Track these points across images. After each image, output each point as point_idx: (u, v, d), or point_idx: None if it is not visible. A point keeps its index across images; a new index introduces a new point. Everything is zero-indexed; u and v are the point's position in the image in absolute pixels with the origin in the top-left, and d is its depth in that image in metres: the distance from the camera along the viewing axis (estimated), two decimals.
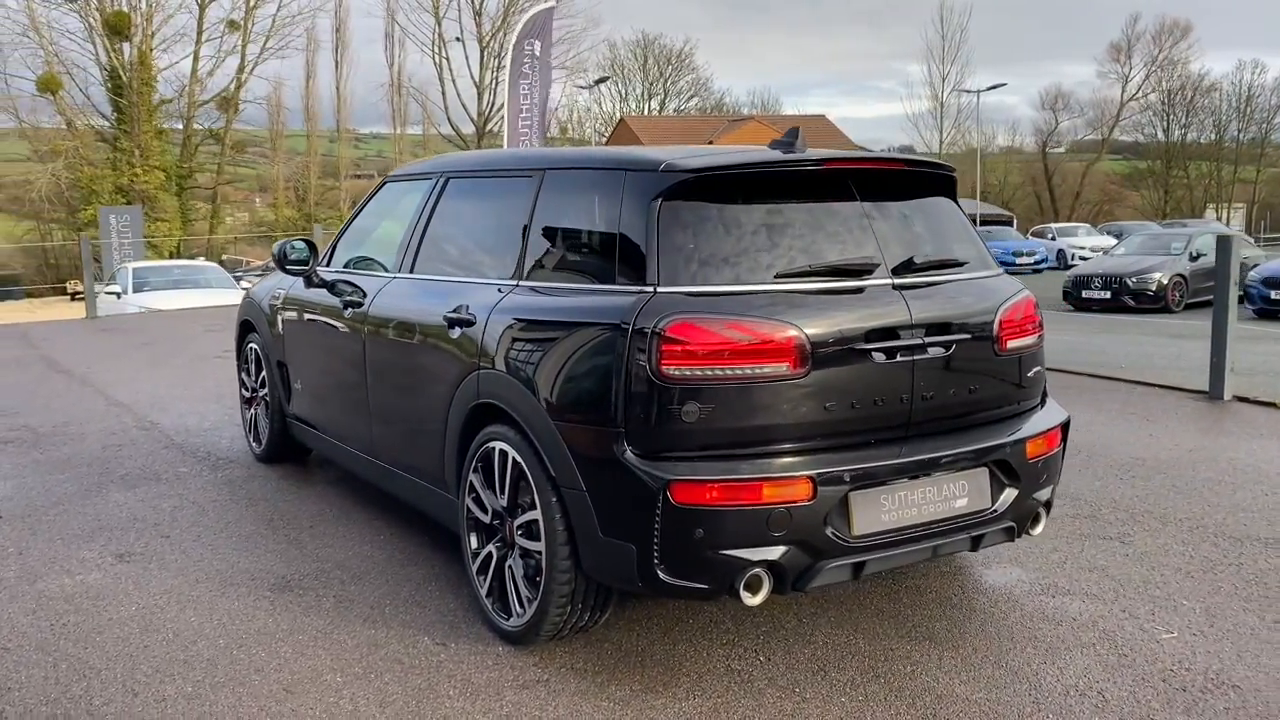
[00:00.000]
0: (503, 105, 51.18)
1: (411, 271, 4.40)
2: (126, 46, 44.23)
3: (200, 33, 46.85)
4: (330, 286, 4.93)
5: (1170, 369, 9.44)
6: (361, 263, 4.95)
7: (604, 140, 50.40)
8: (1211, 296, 7.97)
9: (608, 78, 42.24)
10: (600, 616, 3.53)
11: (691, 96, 61.87)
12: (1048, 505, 3.76)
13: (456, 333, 3.83)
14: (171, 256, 39.83)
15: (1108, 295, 18.46)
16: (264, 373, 5.80)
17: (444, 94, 51.45)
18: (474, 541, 3.79)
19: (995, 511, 3.51)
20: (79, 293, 31.65)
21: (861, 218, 3.47)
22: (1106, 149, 67.72)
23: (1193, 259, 18.59)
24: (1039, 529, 3.74)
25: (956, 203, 3.94)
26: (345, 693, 3.28)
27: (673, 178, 3.31)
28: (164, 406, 7.78)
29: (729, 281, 3.22)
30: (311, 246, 5.15)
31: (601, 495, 3.20)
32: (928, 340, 3.38)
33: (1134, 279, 18.25)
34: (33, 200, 44.64)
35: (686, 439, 3.11)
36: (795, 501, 3.10)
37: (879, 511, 3.27)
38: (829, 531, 3.17)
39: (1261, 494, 5.25)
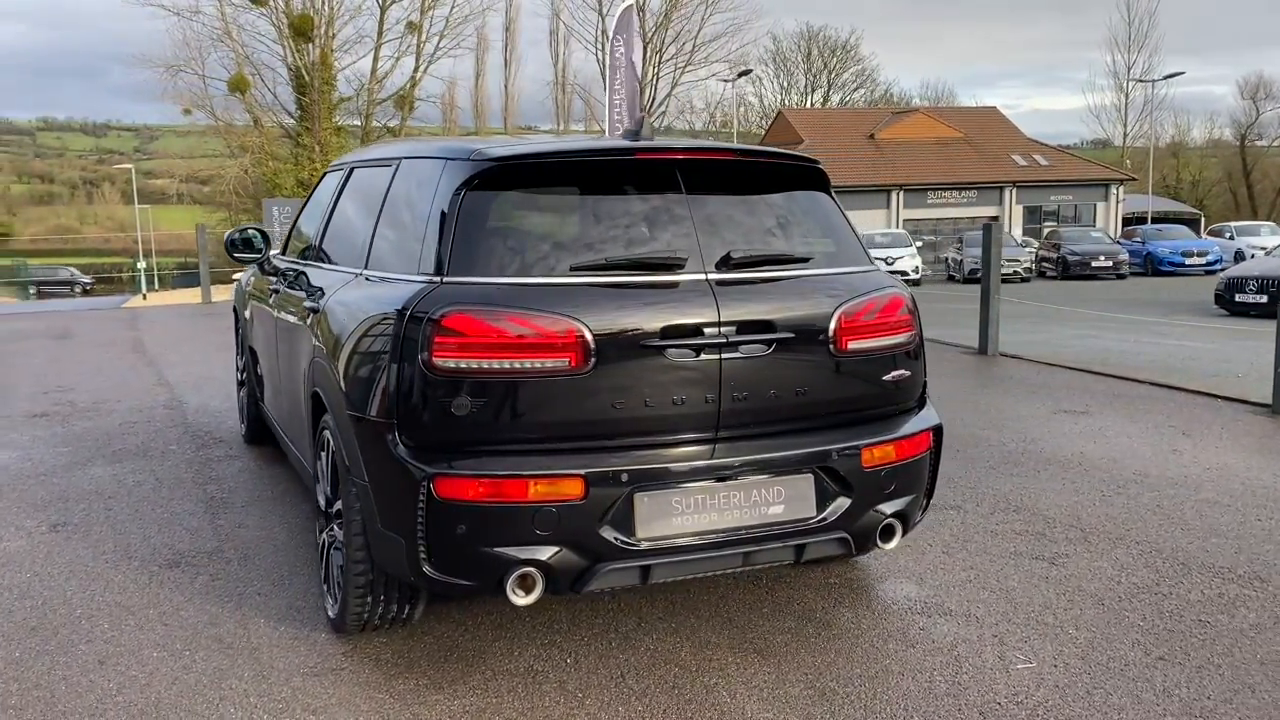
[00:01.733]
0: (664, 100, 51.16)
1: (317, 259, 4.46)
2: (310, 48, 46.54)
3: (380, 34, 48.83)
4: (274, 274, 5.07)
5: None
6: (307, 251, 5.06)
7: (763, 134, 49.96)
8: None
9: (749, 70, 41.70)
10: (412, 609, 3.48)
11: (856, 88, 60.56)
12: (903, 518, 3.49)
13: (309, 321, 3.87)
14: None
15: (1264, 299, 16.99)
16: (245, 357, 6.01)
17: (607, 90, 51.97)
18: (319, 528, 3.82)
19: (822, 521, 3.29)
20: None
21: (681, 211, 3.30)
22: None
23: None
24: (892, 544, 3.48)
25: (830, 195, 3.71)
26: (150, 668, 3.35)
27: (478, 166, 3.24)
28: (202, 387, 8.18)
29: (523, 273, 3.12)
30: (265, 235, 5.30)
31: (379, 487, 3.16)
32: (740, 339, 3.18)
33: None
34: (223, 192, 47.69)
35: (459, 433, 3.03)
36: (564, 500, 2.99)
37: (670, 515, 3.11)
38: (606, 534, 3.03)
39: (1253, 519, 4.74)
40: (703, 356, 3.14)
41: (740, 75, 39.67)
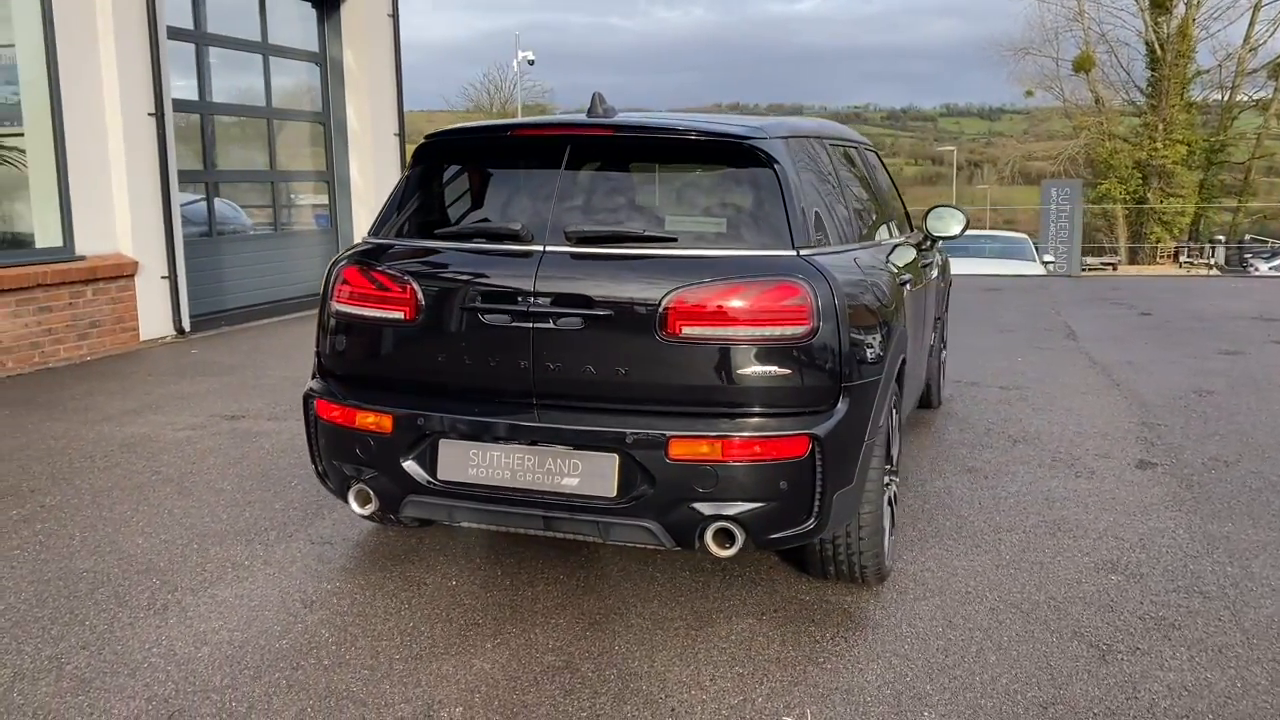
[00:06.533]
0: None
1: None
2: (1168, 19, 43.66)
3: None
4: None
5: None
6: None
7: None
8: None
9: None
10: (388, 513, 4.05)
11: None
12: (743, 524, 3.11)
13: None
14: (1188, 237, 39.64)
15: None
16: None
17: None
18: None
19: (625, 505, 3.18)
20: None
21: (552, 185, 3.48)
22: None
23: None
24: (728, 552, 3.13)
25: (772, 170, 3.38)
26: (216, 511, 4.50)
27: (423, 143, 3.78)
28: None
29: (406, 236, 3.65)
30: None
31: None
32: (552, 310, 3.24)
33: None
34: (1055, 174, 47.42)
35: (343, 365, 3.64)
36: (376, 432, 3.43)
37: (465, 464, 3.33)
38: (410, 469, 3.38)
39: None
40: (515, 324, 3.27)
41: None
